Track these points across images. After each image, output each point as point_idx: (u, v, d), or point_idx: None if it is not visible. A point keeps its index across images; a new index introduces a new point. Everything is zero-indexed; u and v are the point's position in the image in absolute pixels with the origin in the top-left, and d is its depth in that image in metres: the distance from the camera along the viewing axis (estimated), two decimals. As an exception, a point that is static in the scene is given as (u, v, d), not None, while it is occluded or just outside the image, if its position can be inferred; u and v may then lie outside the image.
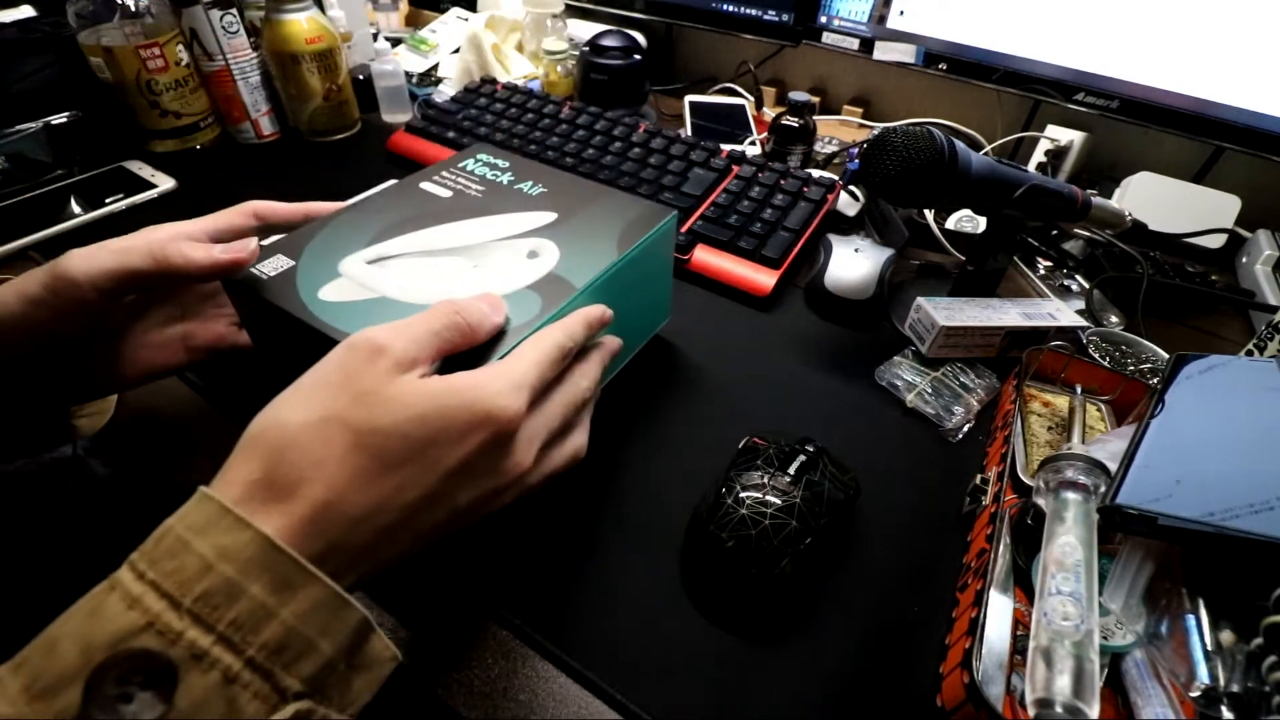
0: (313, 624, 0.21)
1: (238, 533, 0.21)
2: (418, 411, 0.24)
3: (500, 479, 0.26)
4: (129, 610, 0.19)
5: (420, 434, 0.24)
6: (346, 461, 0.23)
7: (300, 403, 0.24)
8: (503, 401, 0.25)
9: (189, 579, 0.20)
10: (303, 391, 0.25)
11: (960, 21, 0.66)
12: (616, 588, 0.34)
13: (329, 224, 0.38)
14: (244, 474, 0.22)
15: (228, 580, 0.20)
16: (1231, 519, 0.28)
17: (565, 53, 0.78)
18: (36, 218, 0.57)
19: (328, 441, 0.23)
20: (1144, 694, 0.27)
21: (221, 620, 0.20)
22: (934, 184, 0.42)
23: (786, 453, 0.36)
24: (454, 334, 0.27)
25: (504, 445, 0.26)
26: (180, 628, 0.19)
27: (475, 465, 0.25)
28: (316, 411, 0.23)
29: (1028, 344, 0.45)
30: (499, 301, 0.31)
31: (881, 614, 0.33)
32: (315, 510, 0.22)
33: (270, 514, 0.22)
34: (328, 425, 0.23)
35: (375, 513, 0.23)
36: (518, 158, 0.46)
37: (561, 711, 0.29)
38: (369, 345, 0.25)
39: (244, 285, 0.34)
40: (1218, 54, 0.55)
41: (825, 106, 0.92)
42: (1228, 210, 0.64)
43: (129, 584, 0.20)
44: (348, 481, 0.23)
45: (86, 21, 0.60)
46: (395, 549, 0.24)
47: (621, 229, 0.39)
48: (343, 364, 0.25)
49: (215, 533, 0.21)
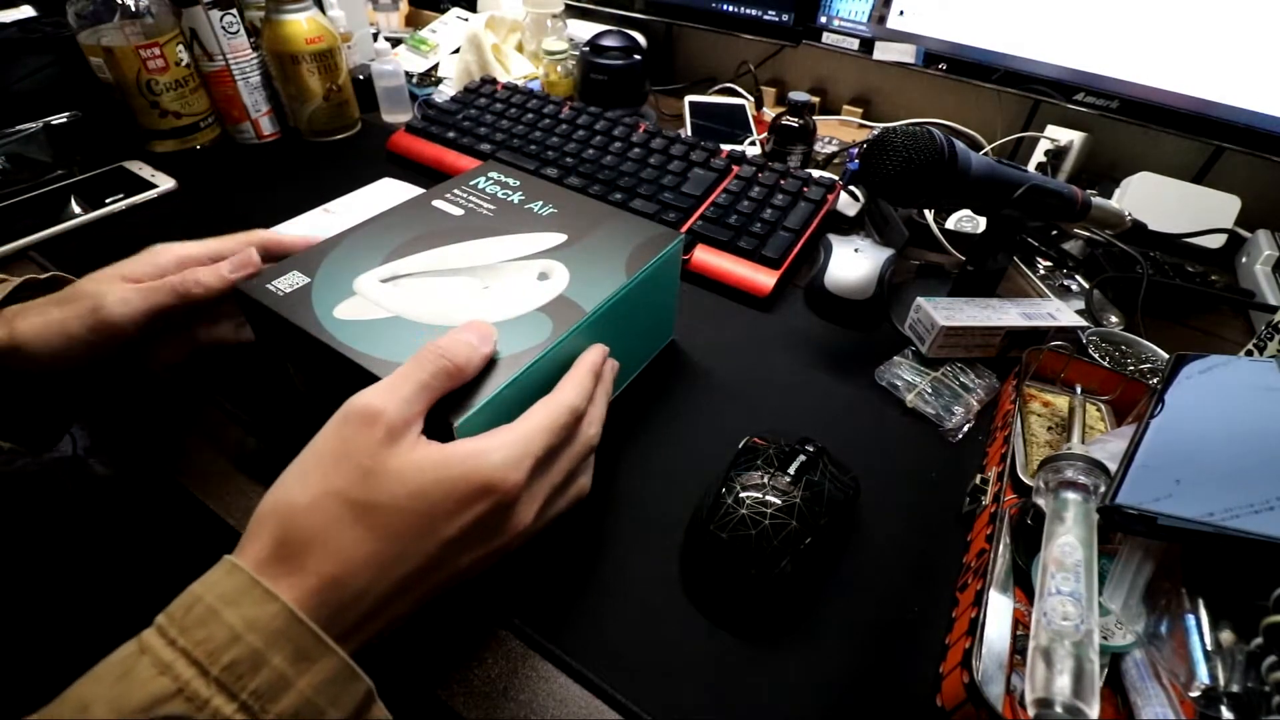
0: (325, 694, 0.22)
1: (266, 605, 0.22)
2: (416, 486, 0.25)
3: (501, 539, 0.27)
4: (160, 676, 0.20)
5: (419, 508, 0.25)
6: (348, 536, 0.24)
7: (302, 480, 0.25)
8: (502, 473, 0.26)
9: (218, 648, 0.21)
10: (303, 468, 0.25)
11: (960, 21, 0.66)
12: (617, 588, 0.34)
13: (344, 241, 0.39)
14: (256, 550, 0.24)
15: (254, 650, 0.21)
16: (1231, 519, 0.28)
17: (565, 53, 0.78)
18: (36, 218, 0.57)
19: (329, 517, 0.24)
20: (1144, 694, 0.27)
21: (245, 689, 0.20)
22: (934, 184, 0.42)
23: (786, 453, 0.36)
24: (442, 379, 0.28)
25: (505, 510, 0.27)
26: (207, 695, 0.20)
27: (475, 532, 0.26)
28: (317, 488, 0.24)
29: (1028, 344, 0.45)
30: (487, 331, 0.31)
31: (881, 614, 0.33)
32: (322, 583, 0.23)
33: (280, 587, 0.22)
34: (329, 501, 0.24)
35: (377, 583, 0.24)
36: (528, 177, 0.47)
37: (561, 711, 0.29)
38: (362, 415, 0.25)
39: (259, 302, 0.34)
40: (1218, 54, 0.55)
41: (825, 106, 0.92)
42: (1228, 210, 0.64)
43: (160, 650, 0.21)
44: (350, 555, 0.23)
45: (86, 21, 0.60)
46: (398, 611, 0.25)
47: (630, 252, 0.40)
48: (340, 436, 0.25)
49: (245, 603, 0.22)
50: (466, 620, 0.32)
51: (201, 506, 0.37)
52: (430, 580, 0.26)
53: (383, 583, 0.24)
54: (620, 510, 0.37)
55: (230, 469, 0.39)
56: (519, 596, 0.33)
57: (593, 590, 0.33)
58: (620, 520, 0.37)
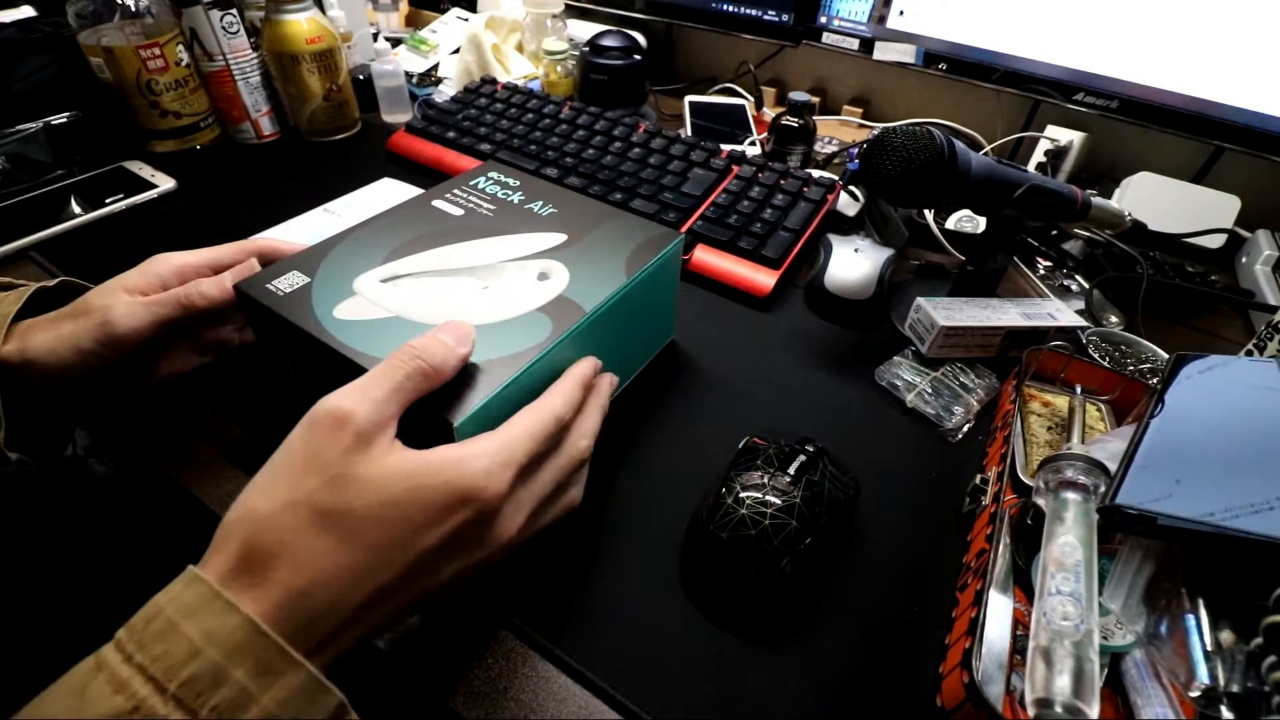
0: (291, 709, 0.21)
1: (226, 616, 0.21)
2: (389, 494, 0.24)
3: (483, 550, 0.26)
4: (115, 694, 0.19)
5: (393, 516, 0.23)
6: (317, 546, 0.23)
7: (269, 488, 0.24)
8: (483, 481, 0.25)
9: (176, 664, 0.20)
10: (270, 475, 0.24)
11: (960, 21, 0.66)
12: (617, 587, 0.34)
13: (344, 241, 0.39)
14: (220, 561, 0.23)
15: (214, 665, 0.20)
16: (1231, 519, 0.28)
17: (565, 53, 0.78)
18: (37, 218, 0.57)
19: (296, 527, 0.23)
20: (1144, 694, 0.27)
21: (205, 705, 0.20)
22: (934, 184, 0.42)
23: (786, 453, 0.36)
24: (417, 380, 0.27)
25: (487, 520, 0.26)
26: (165, 712, 0.19)
27: (455, 543, 0.25)
28: (284, 496, 0.23)
29: (1028, 344, 0.45)
30: (465, 330, 0.30)
31: (881, 614, 0.33)
32: (288, 594, 0.22)
33: (244, 599, 0.21)
34: (295, 510, 0.23)
35: (349, 594, 0.23)
36: (528, 177, 0.47)
37: (561, 711, 0.29)
38: (330, 418, 0.24)
39: (260, 302, 0.34)
40: (1218, 54, 0.55)
41: (825, 106, 0.92)
42: (1228, 210, 0.64)
43: (116, 666, 0.20)
44: (318, 567, 0.22)
45: (86, 21, 0.60)
46: (374, 623, 0.24)
47: (630, 252, 0.40)
48: (307, 442, 0.24)
49: (205, 615, 0.21)
50: (466, 620, 0.32)
51: (202, 506, 0.37)
52: (408, 592, 0.25)
53: (355, 594, 0.23)
54: (620, 510, 0.37)
55: (230, 469, 0.39)
56: (519, 596, 0.33)
57: (593, 590, 0.33)
58: (620, 520, 0.37)
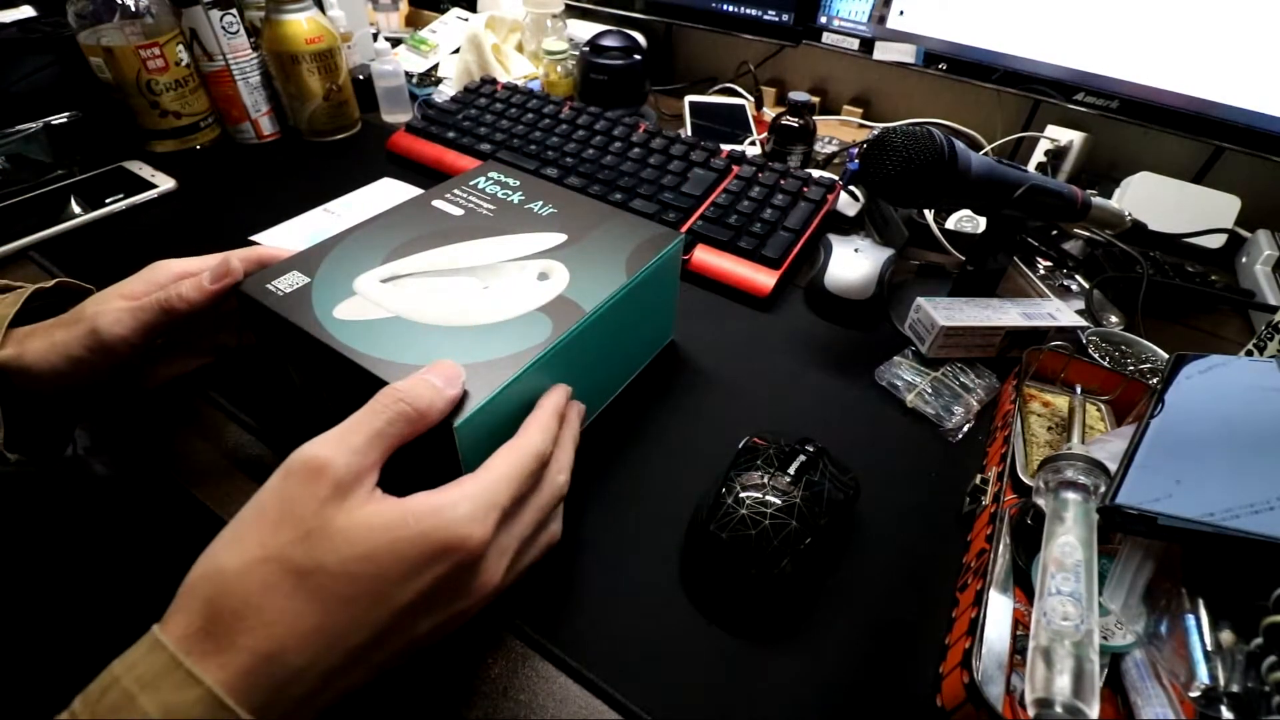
0: None
1: (187, 690, 0.20)
2: (365, 549, 0.22)
3: (465, 601, 0.25)
4: None
5: (369, 571, 0.22)
6: (288, 607, 0.21)
7: (237, 543, 0.22)
8: (465, 529, 0.24)
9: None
10: (239, 529, 0.23)
11: (960, 21, 0.66)
12: (617, 587, 0.34)
13: (344, 241, 0.39)
14: (183, 623, 0.21)
15: None
16: (1231, 519, 0.28)
17: (565, 53, 0.78)
18: (36, 218, 0.57)
19: (265, 586, 0.21)
20: (1144, 694, 0.27)
21: None
22: (934, 184, 0.42)
23: (786, 453, 0.36)
24: (400, 425, 0.25)
25: (469, 569, 0.24)
26: None
27: (435, 596, 0.24)
28: (254, 552, 0.22)
29: (1028, 344, 0.45)
30: (454, 372, 0.29)
31: (881, 614, 0.33)
32: (256, 661, 0.21)
33: (208, 667, 0.20)
34: (265, 567, 0.22)
35: (322, 657, 0.22)
36: (528, 177, 0.47)
37: (561, 711, 0.29)
38: (305, 468, 0.23)
39: (259, 302, 0.34)
40: (1218, 54, 0.55)
41: (825, 106, 0.92)
42: (1228, 210, 0.64)
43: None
44: (289, 628, 0.21)
45: (86, 21, 0.60)
46: (349, 684, 0.23)
47: (630, 252, 0.40)
48: (280, 494, 0.23)
49: (165, 688, 0.20)
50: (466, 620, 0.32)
51: (202, 507, 0.37)
52: (383, 651, 0.23)
53: (329, 656, 0.22)
54: (620, 510, 0.37)
55: (230, 469, 0.39)
56: (519, 596, 0.33)
57: (593, 590, 0.33)
58: (620, 520, 0.37)
